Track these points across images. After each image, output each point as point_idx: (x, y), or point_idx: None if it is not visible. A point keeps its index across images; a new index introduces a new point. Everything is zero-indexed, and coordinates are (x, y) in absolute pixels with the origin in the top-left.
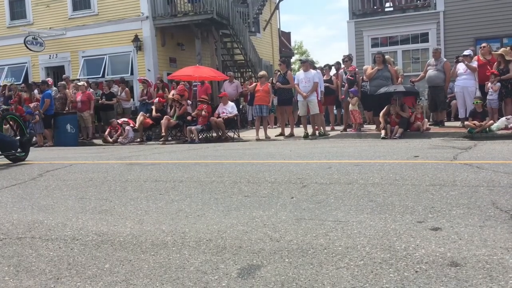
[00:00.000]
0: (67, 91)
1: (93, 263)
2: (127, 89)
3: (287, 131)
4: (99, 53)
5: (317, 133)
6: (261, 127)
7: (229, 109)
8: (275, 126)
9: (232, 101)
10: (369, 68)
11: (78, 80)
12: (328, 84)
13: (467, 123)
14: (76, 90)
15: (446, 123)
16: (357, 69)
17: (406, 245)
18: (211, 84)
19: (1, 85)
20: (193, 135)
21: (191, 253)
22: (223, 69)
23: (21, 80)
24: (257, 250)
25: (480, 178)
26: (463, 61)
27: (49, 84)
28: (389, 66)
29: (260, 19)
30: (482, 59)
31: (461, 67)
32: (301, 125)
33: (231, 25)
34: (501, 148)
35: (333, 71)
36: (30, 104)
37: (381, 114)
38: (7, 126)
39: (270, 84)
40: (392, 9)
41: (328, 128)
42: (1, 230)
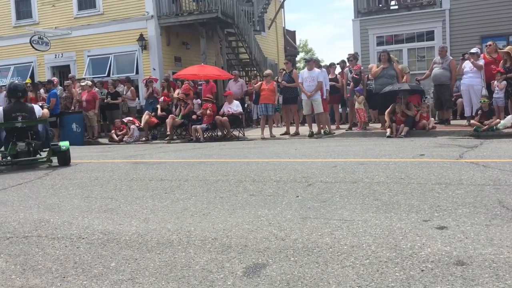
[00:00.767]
0: (73, 90)
1: (99, 261)
2: (132, 88)
3: (292, 129)
4: (104, 53)
5: (322, 131)
6: (267, 126)
7: (234, 107)
8: (280, 125)
9: (237, 100)
10: (374, 66)
11: (83, 80)
12: (333, 83)
13: (473, 121)
14: (82, 89)
15: (452, 122)
16: (362, 68)
17: (412, 244)
18: (216, 83)
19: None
20: (198, 134)
21: (197, 251)
22: (228, 68)
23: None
24: (262, 249)
25: (486, 176)
26: (469, 59)
27: (55, 83)
28: (394, 64)
29: (265, 18)
30: (488, 57)
31: (467, 65)
32: (306, 124)
33: (236, 24)
34: (507, 146)
35: (338, 69)
36: (37, 103)
37: (387, 113)
38: None
39: (275, 82)
40: (397, 7)
41: (333, 127)
42: (8, 228)
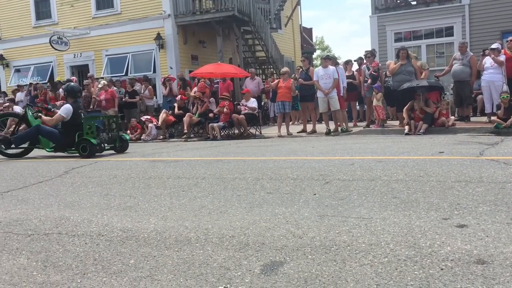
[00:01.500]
0: (92, 89)
1: (118, 258)
2: (150, 87)
3: (309, 127)
4: (122, 52)
5: (339, 129)
6: (283, 123)
7: (250, 104)
8: (296, 122)
9: (253, 97)
10: (392, 63)
11: (102, 79)
12: (351, 80)
13: (493, 118)
14: (100, 89)
15: (472, 118)
16: (380, 65)
17: (431, 242)
18: (233, 81)
19: (28, 83)
20: (215, 132)
21: (214, 249)
22: (244, 66)
23: (47, 79)
24: (280, 247)
25: (508, 174)
26: (489, 55)
27: (74, 82)
28: (412, 60)
29: (281, 15)
30: (509, 52)
31: (488, 61)
32: (323, 122)
33: (253, 21)
34: None
35: (355, 66)
36: (56, 103)
37: (405, 110)
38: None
39: (292, 80)
40: (415, 2)
41: (350, 124)
42: (29, 226)
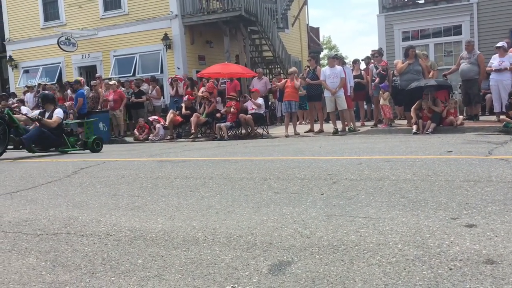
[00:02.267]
0: (100, 89)
1: (126, 258)
2: (157, 87)
3: (317, 127)
4: (129, 52)
5: (346, 129)
6: (291, 123)
7: (256, 101)
8: (304, 122)
9: (261, 97)
10: (399, 62)
11: (110, 79)
12: (359, 80)
13: (502, 117)
14: (108, 88)
15: (481, 117)
16: (388, 64)
17: (440, 242)
18: (240, 81)
19: (37, 84)
20: (222, 132)
21: (222, 249)
22: (251, 65)
23: (55, 80)
24: (287, 247)
25: None
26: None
27: (82, 83)
28: (420, 60)
29: (288, 15)
30: None
31: (496, 60)
32: (330, 121)
33: (259, 21)
34: None
35: (362, 65)
36: (64, 103)
37: (413, 109)
38: None
39: (299, 79)
40: (423, 1)
41: (358, 124)
42: (38, 226)
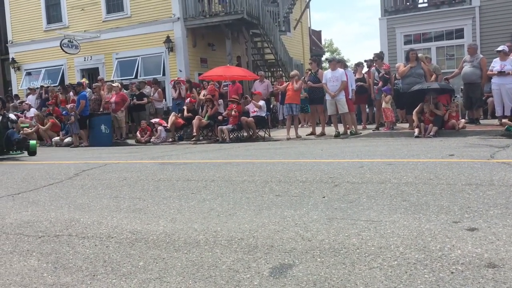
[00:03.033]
0: (102, 92)
1: (127, 260)
2: (159, 89)
3: (318, 130)
4: (132, 55)
5: (348, 132)
6: (292, 126)
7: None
8: (306, 125)
9: (262, 100)
10: (401, 65)
11: (112, 82)
12: (362, 83)
13: (504, 121)
14: (110, 91)
15: (482, 121)
16: (390, 67)
17: (441, 245)
18: (242, 84)
19: (39, 86)
20: (224, 135)
21: (223, 251)
22: (253, 68)
23: (58, 82)
24: (288, 249)
25: None
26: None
27: (84, 86)
28: (422, 63)
29: (290, 18)
30: None
31: (497, 64)
32: (332, 124)
33: (261, 24)
34: None
35: (365, 69)
36: (66, 106)
37: (415, 112)
38: None
39: (300, 81)
40: (425, 5)
41: (360, 127)
42: (39, 228)
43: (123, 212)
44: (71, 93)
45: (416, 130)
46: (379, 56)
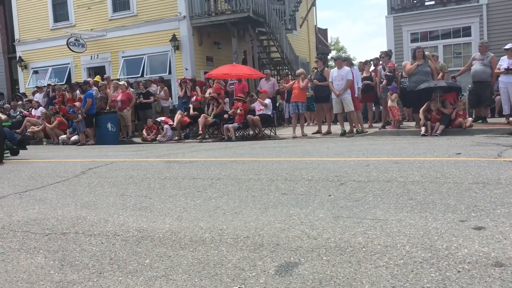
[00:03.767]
0: (108, 90)
1: (133, 258)
2: (165, 88)
3: (324, 128)
4: (138, 53)
5: (354, 130)
6: (298, 124)
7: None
8: (311, 123)
9: (268, 98)
10: (408, 64)
11: (118, 80)
12: (368, 82)
13: None
14: (116, 89)
15: (490, 120)
16: (396, 65)
17: (448, 244)
18: (248, 82)
19: (46, 84)
20: (230, 133)
21: (229, 249)
22: (259, 67)
23: (64, 81)
24: (294, 248)
25: None
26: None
27: (90, 84)
28: (429, 61)
29: (296, 16)
30: None
31: (504, 62)
32: (338, 123)
33: (268, 23)
34: None
35: (372, 67)
36: (74, 104)
37: (421, 111)
38: None
39: (306, 80)
40: (432, 2)
41: (366, 125)
42: (46, 225)
43: (129, 210)
44: (77, 92)
45: (423, 129)
46: (386, 54)
